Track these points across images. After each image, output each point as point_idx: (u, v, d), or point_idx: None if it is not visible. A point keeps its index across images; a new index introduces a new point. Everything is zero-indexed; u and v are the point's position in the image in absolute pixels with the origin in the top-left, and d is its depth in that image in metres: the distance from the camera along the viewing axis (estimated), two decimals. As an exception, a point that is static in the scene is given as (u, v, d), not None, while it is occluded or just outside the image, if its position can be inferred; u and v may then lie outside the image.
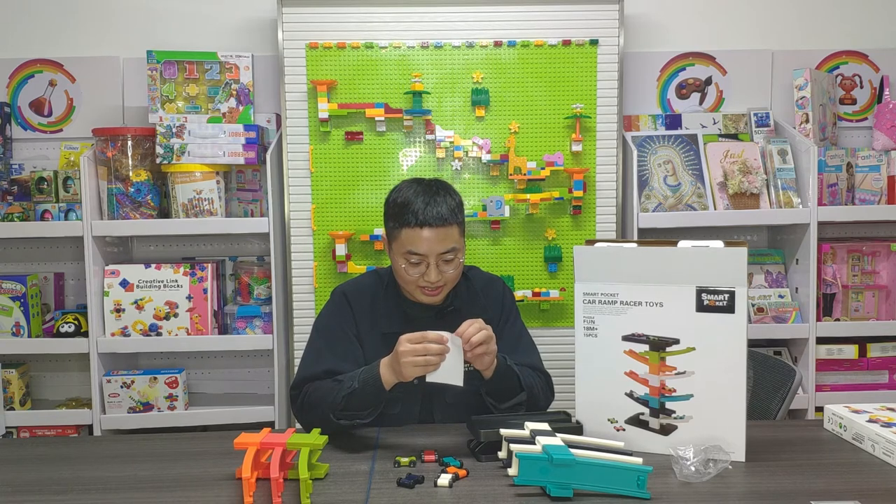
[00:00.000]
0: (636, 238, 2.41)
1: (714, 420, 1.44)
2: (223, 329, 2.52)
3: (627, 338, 1.50)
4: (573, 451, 1.28)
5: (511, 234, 2.50)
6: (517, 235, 2.50)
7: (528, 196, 2.41)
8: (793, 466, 1.41)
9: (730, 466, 1.36)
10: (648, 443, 1.48)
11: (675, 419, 1.46)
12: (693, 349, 1.44)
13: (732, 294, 1.41)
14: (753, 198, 2.51)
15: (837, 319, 2.55)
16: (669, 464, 1.37)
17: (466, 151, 2.46)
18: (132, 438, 1.77)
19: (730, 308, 1.41)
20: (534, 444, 1.32)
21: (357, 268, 2.43)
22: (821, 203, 2.48)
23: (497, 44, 2.45)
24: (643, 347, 1.48)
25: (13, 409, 2.48)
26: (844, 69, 2.76)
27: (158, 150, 2.38)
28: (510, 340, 1.79)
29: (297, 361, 2.57)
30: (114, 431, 2.45)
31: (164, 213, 2.50)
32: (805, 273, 2.51)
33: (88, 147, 2.49)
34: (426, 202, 1.69)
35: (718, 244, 1.44)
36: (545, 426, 1.43)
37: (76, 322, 2.45)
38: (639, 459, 1.29)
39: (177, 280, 2.44)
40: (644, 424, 1.49)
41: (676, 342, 1.45)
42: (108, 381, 2.42)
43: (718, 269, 1.42)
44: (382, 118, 2.42)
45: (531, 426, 1.42)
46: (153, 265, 2.45)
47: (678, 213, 2.49)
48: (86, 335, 2.43)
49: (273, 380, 2.49)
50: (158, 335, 2.43)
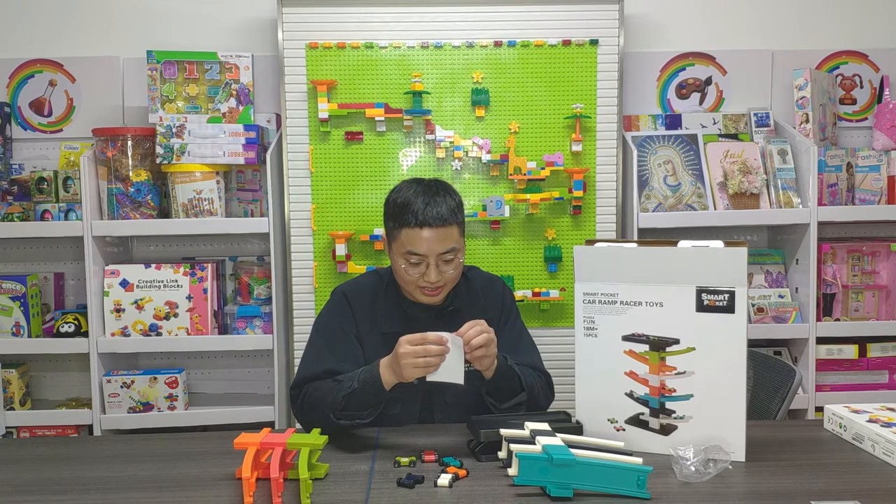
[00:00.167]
0: (636, 238, 2.41)
1: (714, 420, 1.44)
2: (223, 329, 2.52)
3: (627, 338, 1.50)
4: (573, 451, 1.28)
5: (511, 234, 2.50)
6: (517, 235, 2.50)
7: (528, 196, 2.41)
8: (793, 466, 1.41)
9: (730, 466, 1.36)
10: (648, 443, 1.48)
11: (675, 419, 1.46)
12: (693, 349, 1.44)
13: (732, 294, 1.41)
14: (753, 198, 2.51)
15: (837, 319, 2.55)
16: (669, 464, 1.37)
17: (466, 151, 2.46)
18: (132, 438, 1.77)
19: (730, 308, 1.41)
20: (534, 444, 1.32)
21: (357, 268, 2.43)
22: (821, 203, 2.48)
23: (497, 44, 2.45)
24: (643, 347, 1.48)
25: (13, 409, 2.48)
26: (844, 69, 2.76)
27: (158, 150, 2.39)
28: (510, 340, 1.79)
29: (297, 361, 2.57)
30: (114, 431, 2.45)
31: (164, 213, 2.50)
32: (805, 273, 2.51)
33: (88, 147, 2.49)
34: (426, 202, 1.69)
35: (718, 244, 1.44)
36: (545, 426, 1.43)
37: (76, 322, 2.45)
38: (639, 459, 1.29)
39: (177, 280, 2.44)
40: (644, 424, 1.49)
41: (676, 342, 1.45)
42: (108, 381, 2.42)
43: (718, 269, 1.42)
44: (382, 118, 2.42)
45: (531, 426, 1.42)
46: (153, 265, 2.45)
47: (678, 213, 2.49)
48: (86, 335, 2.43)
49: (273, 380, 2.49)
50: (158, 335, 2.43)
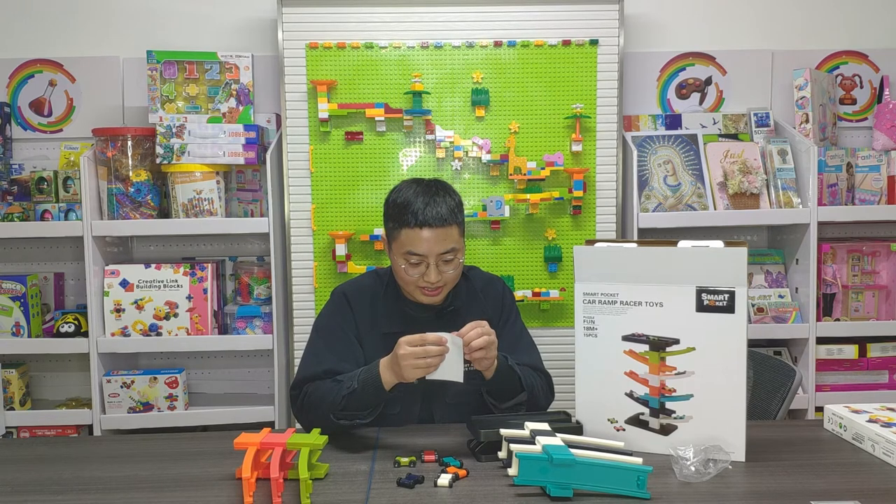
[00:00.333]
0: (636, 238, 2.41)
1: (714, 420, 1.44)
2: (223, 329, 2.52)
3: (627, 338, 1.50)
4: (573, 451, 1.28)
5: (511, 234, 2.50)
6: (517, 235, 2.50)
7: (528, 196, 2.41)
8: (793, 466, 1.41)
9: (730, 466, 1.36)
10: (648, 443, 1.48)
11: (675, 419, 1.46)
12: (693, 349, 1.44)
13: (732, 294, 1.41)
14: (753, 198, 2.51)
15: (837, 319, 2.55)
16: (669, 464, 1.37)
17: (466, 151, 2.46)
18: (132, 438, 1.77)
19: (730, 308, 1.41)
20: (534, 444, 1.32)
21: (357, 268, 2.43)
22: (821, 203, 2.48)
23: (497, 44, 2.45)
24: (643, 347, 1.48)
25: (13, 409, 2.48)
26: (844, 69, 2.76)
27: (158, 150, 2.38)
28: (510, 340, 1.79)
29: (297, 361, 2.58)
30: (114, 431, 2.45)
31: (164, 213, 2.50)
32: (805, 273, 2.51)
33: (88, 147, 2.49)
34: (426, 202, 1.69)
35: (718, 244, 1.44)
36: (545, 426, 1.43)
37: (76, 322, 2.45)
38: (639, 459, 1.29)
39: (177, 280, 2.44)
40: (644, 424, 1.49)
41: (676, 342, 1.45)
42: (108, 381, 2.42)
43: (718, 269, 1.42)
44: (382, 118, 2.42)
45: (531, 426, 1.42)
46: (153, 265, 2.45)
47: (678, 213, 2.49)
48: (86, 335, 2.43)
49: (273, 380, 2.49)
50: (158, 335, 2.43)
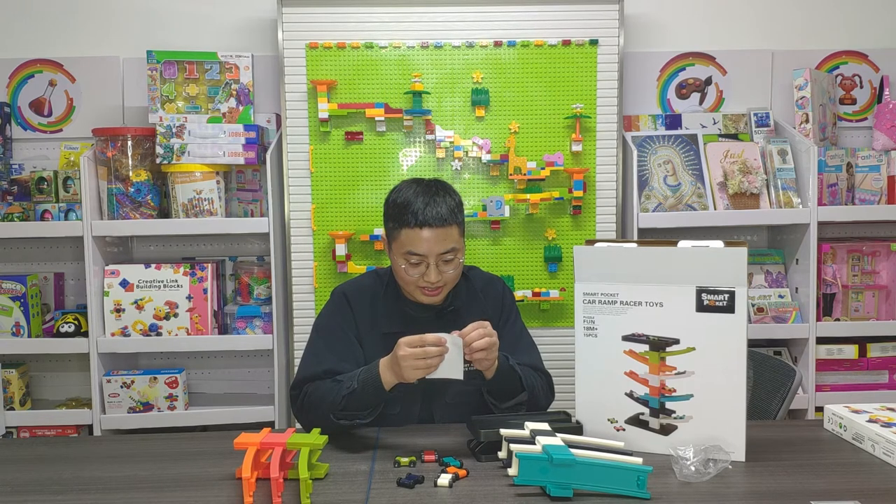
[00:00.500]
0: (636, 238, 2.41)
1: (714, 420, 1.44)
2: (223, 329, 2.52)
3: (627, 338, 1.50)
4: (573, 451, 1.28)
5: (511, 234, 2.50)
6: (517, 235, 2.50)
7: (528, 196, 2.41)
8: (793, 466, 1.41)
9: (730, 466, 1.36)
10: (648, 443, 1.48)
11: (675, 419, 1.46)
12: (693, 349, 1.44)
13: (732, 294, 1.41)
14: (753, 198, 2.51)
15: (837, 319, 2.55)
16: (669, 464, 1.37)
17: (466, 151, 2.46)
18: (132, 438, 1.77)
19: (730, 308, 1.41)
20: (534, 444, 1.32)
21: (357, 268, 2.43)
22: (821, 203, 2.48)
23: (497, 44, 2.45)
24: (643, 347, 1.48)
25: (13, 409, 2.48)
26: (844, 69, 2.76)
27: (158, 150, 2.38)
28: (510, 340, 1.79)
29: (297, 361, 2.57)
30: (114, 431, 2.45)
31: (164, 213, 2.50)
32: (805, 273, 2.51)
33: (88, 147, 2.49)
34: (426, 202, 1.69)
35: (718, 244, 1.44)
36: (545, 426, 1.43)
37: (76, 322, 2.45)
38: (639, 459, 1.29)
39: (177, 280, 2.44)
40: (644, 424, 1.49)
41: (676, 342, 1.45)
42: (108, 381, 2.42)
43: (718, 269, 1.42)
44: (382, 118, 2.42)
45: (531, 426, 1.42)
46: (153, 265, 2.45)
47: (678, 213, 2.49)
48: (86, 335, 2.43)
49: (273, 380, 2.49)
50: (158, 335, 2.43)
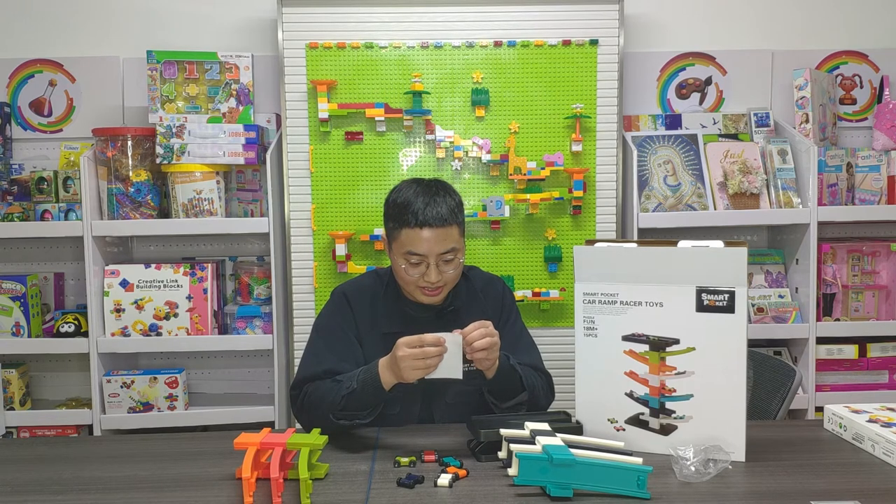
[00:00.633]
0: (636, 238, 2.41)
1: (714, 420, 1.44)
2: (223, 329, 2.52)
3: (627, 338, 1.50)
4: (573, 451, 1.28)
5: (511, 234, 2.50)
6: (517, 235, 2.50)
7: (528, 196, 2.41)
8: (793, 466, 1.41)
9: (730, 466, 1.36)
10: (648, 443, 1.48)
11: (675, 419, 1.46)
12: (693, 349, 1.44)
13: (732, 294, 1.41)
14: (753, 198, 2.51)
15: (837, 319, 2.55)
16: (669, 464, 1.37)
17: (466, 151, 2.46)
18: (132, 438, 1.77)
19: (730, 308, 1.41)
20: (534, 444, 1.32)
21: (357, 268, 2.43)
22: (821, 203, 2.48)
23: (497, 44, 2.45)
24: (643, 347, 1.48)
25: (13, 409, 2.48)
26: (844, 69, 2.76)
27: (158, 150, 2.38)
28: (510, 340, 1.79)
29: (297, 361, 2.57)
30: (114, 431, 2.45)
31: (164, 213, 2.50)
32: (805, 273, 2.51)
33: (88, 147, 2.49)
34: (426, 202, 1.69)
35: (718, 244, 1.44)
36: (545, 426, 1.43)
37: (76, 322, 2.45)
38: (639, 459, 1.29)
39: (177, 280, 2.44)
40: (644, 424, 1.49)
41: (676, 342, 1.45)
42: (108, 381, 2.42)
43: (718, 269, 1.42)
44: (382, 118, 2.42)
45: (531, 426, 1.42)
46: (153, 265, 2.45)
47: (678, 213, 2.49)
48: (86, 335, 2.43)
49: (273, 380, 2.49)
50: (158, 335, 2.43)
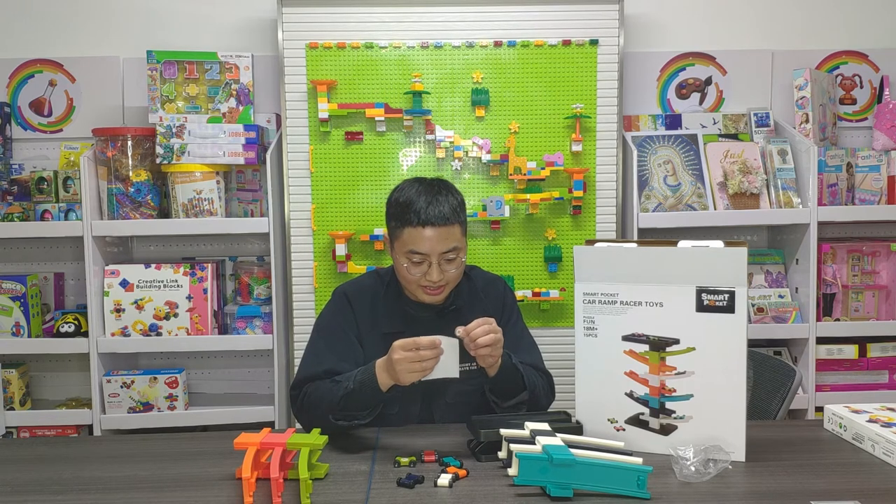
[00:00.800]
0: (636, 238, 2.41)
1: (714, 420, 1.44)
2: (223, 329, 2.52)
3: (627, 338, 1.50)
4: (573, 451, 1.28)
5: (511, 234, 2.50)
6: (517, 235, 2.50)
7: (528, 196, 2.41)
8: (793, 466, 1.41)
9: (730, 466, 1.36)
10: (648, 443, 1.48)
11: (675, 419, 1.46)
12: (693, 349, 1.44)
13: (732, 294, 1.41)
14: (753, 198, 2.51)
15: (837, 319, 2.55)
16: (669, 464, 1.37)
17: (466, 151, 2.46)
18: (132, 438, 1.77)
19: (730, 308, 1.41)
20: (534, 444, 1.32)
21: (357, 268, 2.43)
22: (821, 203, 2.48)
23: (497, 44, 2.45)
24: (643, 347, 1.48)
25: (13, 409, 2.48)
26: (844, 69, 2.76)
27: (158, 150, 2.38)
28: (511, 340, 1.78)
29: (297, 361, 2.56)
30: (114, 431, 2.45)
31: (164, 213, 2.50)
32: (805, 273, 2.51)
33: (88, 147, 2.49)
34: (428, 201, 1.69)
35: (718, 244, 1.44)
36: (545, 426, 1.43)
37: (76, 322, 2.45)
38: (639, 459, 1.29)
39: (177, 280, 2.44)
40: (644, 424, 1.49)
41: (676, 342, 1.45)
42: (108, 381, 2.42)
43: (718, 269, 1.42)
44: (382, 118, 2.42)
45: (531, 426, 1.42)
46: (153, 265, 2.45)
47: (678, 213, 2.49)
48: (86, 335, 2.43)
49: (273, 380, 2.49)
50: (158, 335, 2.43)
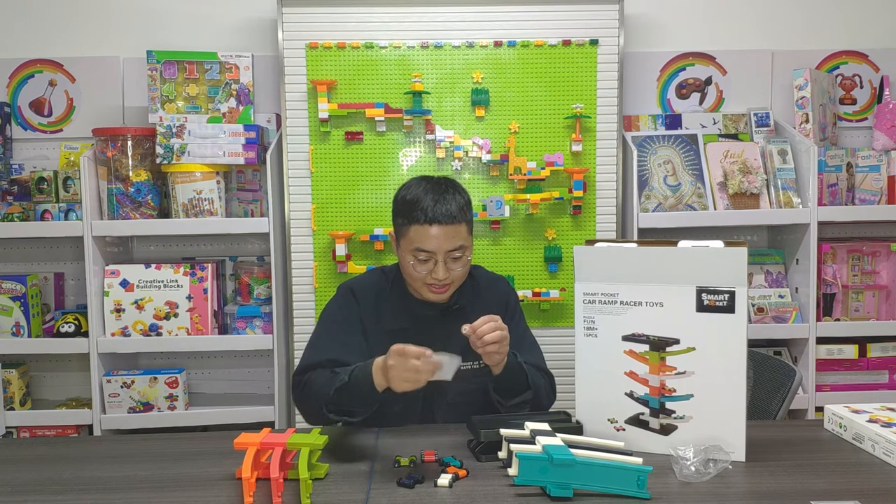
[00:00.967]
0: (636, 238, 2.41)
1: (714, 420, 1.44)
2: (223, 329, 2.52)
3: (627, 338, 1.49)
4: (573, 451, 1.28)
5: (511, 234, 2.50)
6: (517, 235, 2.50)
7: (528, 196, 2.41)
8: (793, 466, 1.41)
9: (730, 466, 1.36)
10: (648, 443, 1.48)
11: (675, 419, 1.46)
12: (693, 349, 1.44)
13: (732, 294, 1.41)
14: (753, 198, 2.51)
15: (837, 319, 2.55)
16: (669, 464, 1.37)
17: (466, 151, 2.46)
18: (132, 438, 1.77)
19: (730, 308, 1.41)
20: (534, 444, 1.32)
21: (357, 268, 2.43)
22: (821, 203, 2.48)
23: (497, 44, 2.45)
24: (643, 347, 1.48)
25: (13, 409, 2.48)
26: (844, 69, 2.76)
27: (158, 150, 2.38)
28: (514, 340, 1.77)
29: (297, 362, 2.56)
30: (114, 431, 2.45)
31: (164, 213, 2.50)
32: (805, 273, 2.51)
33: (88, 147, 2.49)
34: (435, 199, 1.70)
35: (718, 244, 1.43)
36: (545, 426, 1.43)
37: (76, 322, 2.45)
38: (639, 459, 1.29)
39: (177, 280, 2.44)
40: (644, 424, 1.49)
41: (676, 342, 1.45)
42: (108, 381, 2.42)
43: (718, 269, 1.42)
44: (382, 118, 2.42)
45: (531, 426, 1.42)
46: (153, 265, 2.45)
47: (678, 213, 2.49)
48: (86, 335, 2.43)
49: (273, 380, 2.48)
50: (158, 335, 2.43)
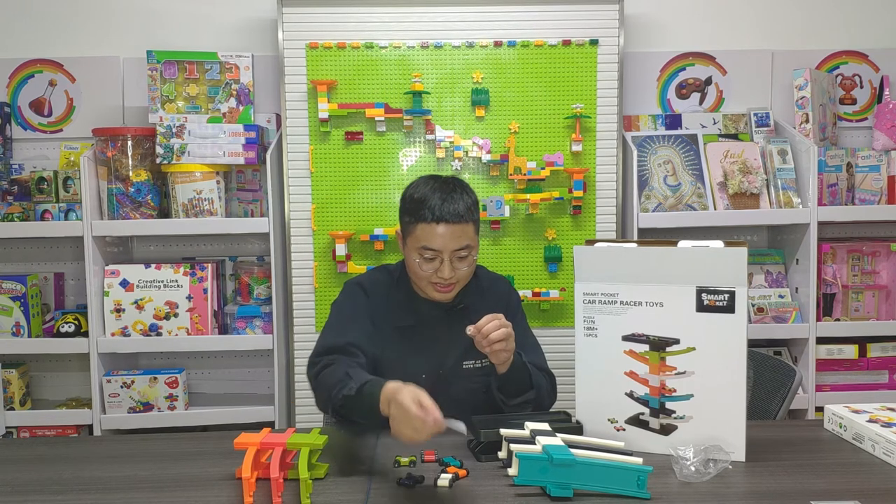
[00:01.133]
0: (636, 238, 2.41)
1: (714, 420, 1.44)
2: (223, 329, 2.52)
3: (627, 338, 1.50)
4: (573, 451, 1.28)
5: (511, 234, 2.50)
6: (517, 235, 2.50)
7: (528, 196, 2.41)
8: (793, 466, 1.41)
9: (730, 466, 1.36)
10: (648, 443, 1.48)
11: (675, 419, 1.46)
12: (693, 349, 1.44)
13: (732, 294, 1.41)
14: (753, 198, 2.51)
15: (837, 319, 2.55)
16: (669, 464, 1.37)
17: (466, 151, 2.46)
18: (132, 438, 1.77)
19: (730, 308, 1.41)
20: (534, 444, 1.32)
21: (357, 268, 2.43)
22: (821, 203, 2.48)
23: (497, 44, 2.44)
24: (643, 347, 1.48)
25: (13, 409, 2.48)
26: (844, 69, 2.75)
27: (158, 150, 2.38)
28: (515, 340, 1.79)
29: (298, 362, 2.55)
30: (114, 431, 2.45)
31: (164, 213, 2.50)
32: (805, 273, 2.51)
33: (88, 147, 2.49)
34: (443, 199, 1.70)
35: (718, 244, 1.44)
36: (545, 426, 1.43)
37: (76, 322, 2.45)
38: (639, 459, 1.29)
39: (177, 280, 2.44)
40: (644, 424, 1.49)
41: (676, 342, 1.45)
42: (108, 381, 2.42)
43: (718, 269, 1.42)
44: (382, 118, 2.42)
45: (531, 426, 1.42)
46: (153, 265, 2.45)
47: (678, 213, 2.49)
48: (86, 335, 2.43)
49: (273, 380, 2.48)
50: (158, 335, 2.43)
